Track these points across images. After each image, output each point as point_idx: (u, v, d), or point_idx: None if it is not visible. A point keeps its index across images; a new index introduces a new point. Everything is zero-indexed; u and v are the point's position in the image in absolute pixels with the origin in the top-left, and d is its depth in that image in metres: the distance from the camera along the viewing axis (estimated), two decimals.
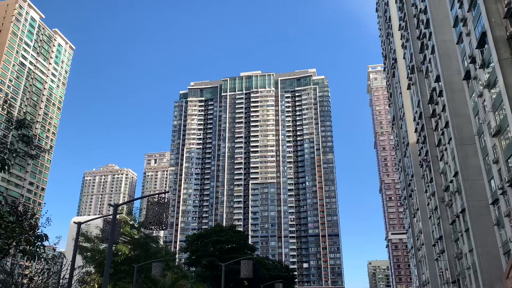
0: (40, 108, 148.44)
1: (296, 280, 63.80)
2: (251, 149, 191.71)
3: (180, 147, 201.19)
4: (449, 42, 61.48)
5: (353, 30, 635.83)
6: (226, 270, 28.90)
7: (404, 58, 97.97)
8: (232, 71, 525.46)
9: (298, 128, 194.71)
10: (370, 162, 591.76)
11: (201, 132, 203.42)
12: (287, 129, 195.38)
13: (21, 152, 24.76)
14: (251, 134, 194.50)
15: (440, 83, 64.96)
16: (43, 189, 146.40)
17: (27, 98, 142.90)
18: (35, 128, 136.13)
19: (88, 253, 39.71)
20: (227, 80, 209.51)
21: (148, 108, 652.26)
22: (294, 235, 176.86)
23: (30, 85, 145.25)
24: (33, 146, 22.91)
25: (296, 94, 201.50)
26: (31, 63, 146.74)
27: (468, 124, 56.52)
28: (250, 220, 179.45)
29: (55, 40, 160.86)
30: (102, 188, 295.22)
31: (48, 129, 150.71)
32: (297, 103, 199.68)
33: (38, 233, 16.69)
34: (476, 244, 54.30)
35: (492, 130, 43.91)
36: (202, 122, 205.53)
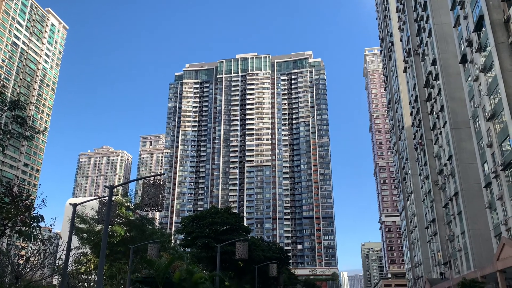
0: (34, 89, 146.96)
1: (290, 261, 64.56)
2: (247, 132, 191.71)
3: (176, 130, 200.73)
4: (446, 25, 61.14)
5: (351, 12, 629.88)
6: (222, 251, 29.20)
7: (401, 41, 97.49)
8: (228, 53, 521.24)
9: (294, 111, 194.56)
10: (365, 145, 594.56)
11: (197, 114, 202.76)
12: (282, 112, 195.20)
13: (15, 133, 24.60)
14: (247, 117, 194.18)
15: (436, 67, 64.85)
16: (38, 170, 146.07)
17: (20, 79, 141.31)
18: (29, 109, 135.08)
19: (84, 234, 39.87)
20: (222, 62, 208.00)
21: (143, 90, 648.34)
22: (289, 217, 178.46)
23: (23, 65, 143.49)
24: (27, 127, 22.76)
25: (292, 76, 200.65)
26: (24, 43, 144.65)
27: (463, 108, 56.69)
28: (245, 203, 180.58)
29: (48, 19, 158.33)
30: (97, 170, 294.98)
31: (42, 110, 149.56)
32: (293, 86, 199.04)
33: (34, 214, 16.74)
34: (468, 227, 55.10)
35: (487, 114, 44.08)
36: (198, 105, 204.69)
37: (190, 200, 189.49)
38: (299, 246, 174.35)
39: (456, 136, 58.89)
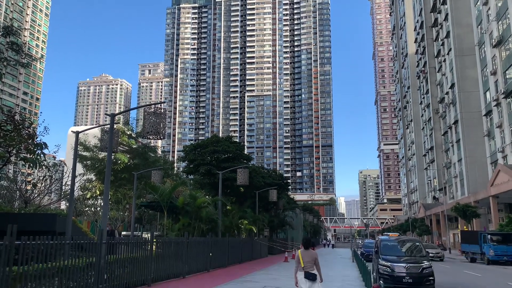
0: (27, 14, 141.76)
1: (290, 187, 66.52)
2: (247, 60, 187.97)
3: (174, 58, 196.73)
4: None
5: None
6: (223, 177, 29.96)
7: None
8: None
9: (295, 38, 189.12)
10: (367, 73, 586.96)
11: (195, 42, 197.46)
12: (284, 39, 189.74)
13: (12, 61, 24.12)
14: (247, 44, 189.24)
15: None
16: (37, 99, 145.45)
17: (12, 3, 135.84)
18: (24, 35, 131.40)
19: (88, 162, 40.62)
20: None
21: (140, 15, 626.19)
22: (289, 146, 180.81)
23: None
24: (23, 54, 22.28)
25: (295, 0, 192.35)
26: None
27: (469, 34, 55.27)
28: (246, 132, 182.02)
29: None
30: (97, 99, 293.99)
31: (38, 37, 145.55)
32: (295, 11, 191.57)
33: (37, 142, 16.91)
34: (466, 154, 56.06)
35: (493, 40, 43.05)
36: (196, 31, 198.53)
37: (191, 130, 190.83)
38: (298, 174, 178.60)
39: (460, 64, 57.99)
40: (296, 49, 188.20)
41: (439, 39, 68.03)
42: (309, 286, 8.48)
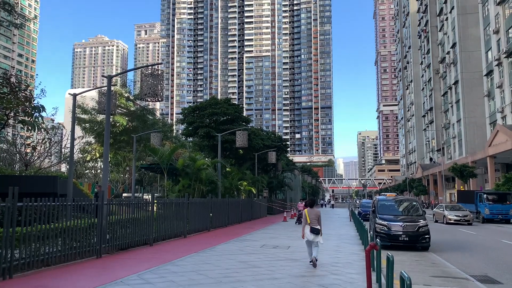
0: None
1: (289, 149, 66.92)
2: (245, 20, 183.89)
3: (171, 17, 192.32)
4: None
5: None
6: (222, 140, 30.03)
7: None
8: None
9: None
10: (368, 33, 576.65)
11: (192, 0, 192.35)
12: None
13: (5, 21, 23.57)
14: (245, 2, 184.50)
15: None
16: (33, 61, 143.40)
17: None
18: None
19: (86, 124, 40.54)
20: None
21: None
22: (288, 108, 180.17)
23: None
24: (16, 14, 21.75)
25: None
26: None
27: None
28: (244, 94, 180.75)
29: None
30: (94, 61, 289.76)
31: None
32: None
33: (35, 104, 16.79)
34: (465, 115, 56.11)
35: None
36: None
37: (189, 92, 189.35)
38: (297, 136, 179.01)
39: (462, 22, 56.97)
40: (295, 7, 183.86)
41: None
42: (313, 238, 10.21)
